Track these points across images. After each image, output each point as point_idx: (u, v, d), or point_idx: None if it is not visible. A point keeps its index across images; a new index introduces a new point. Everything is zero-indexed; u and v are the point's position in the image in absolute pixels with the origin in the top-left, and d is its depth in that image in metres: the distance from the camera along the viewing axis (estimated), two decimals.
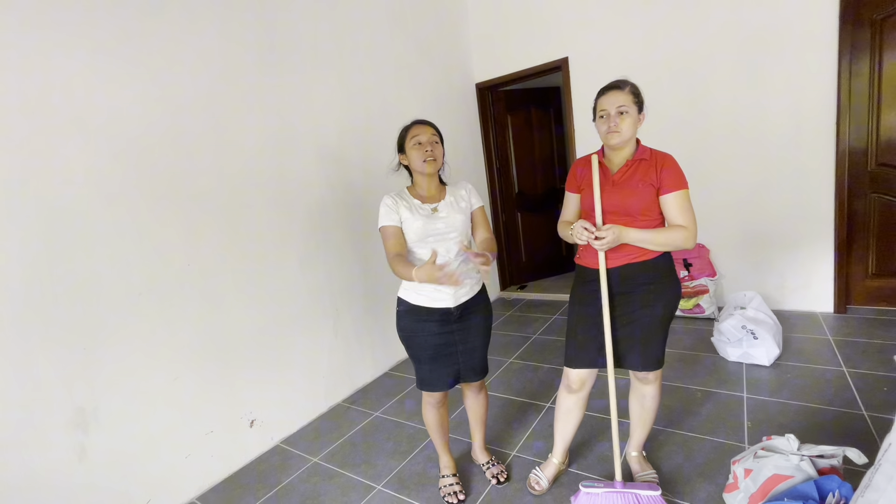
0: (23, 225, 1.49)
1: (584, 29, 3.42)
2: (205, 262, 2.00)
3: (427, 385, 1.67)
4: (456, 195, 1.68)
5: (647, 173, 1.46)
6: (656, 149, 1.52)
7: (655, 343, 1.52)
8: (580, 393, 1.64)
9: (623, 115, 1.44)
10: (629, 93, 1.46)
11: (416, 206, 1.61)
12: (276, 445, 2.28)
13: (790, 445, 1.41)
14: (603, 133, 1.48)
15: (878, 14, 2.58)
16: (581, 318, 1.59)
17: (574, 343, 1.60)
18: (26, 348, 1.50)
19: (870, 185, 2.78)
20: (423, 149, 1.57)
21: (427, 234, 1.57)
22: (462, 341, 1.65)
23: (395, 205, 1.59)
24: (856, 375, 2.21)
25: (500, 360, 2.93)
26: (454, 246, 1.57)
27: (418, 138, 1.58)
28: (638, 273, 1.48)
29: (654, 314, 1.50)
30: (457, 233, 1.59)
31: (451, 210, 1.61)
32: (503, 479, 1.80)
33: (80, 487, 1.61)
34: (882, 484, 1.02)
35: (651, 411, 1.66)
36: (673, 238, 1.43)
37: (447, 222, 1.59)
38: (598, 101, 1.50)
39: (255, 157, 2.21)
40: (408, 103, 3.22)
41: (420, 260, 1.58)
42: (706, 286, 3.10)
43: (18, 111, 1.48)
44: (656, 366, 1.55)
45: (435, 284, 1.44)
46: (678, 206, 1.43)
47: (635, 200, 1.45)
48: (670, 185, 1.43)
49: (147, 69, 1.81)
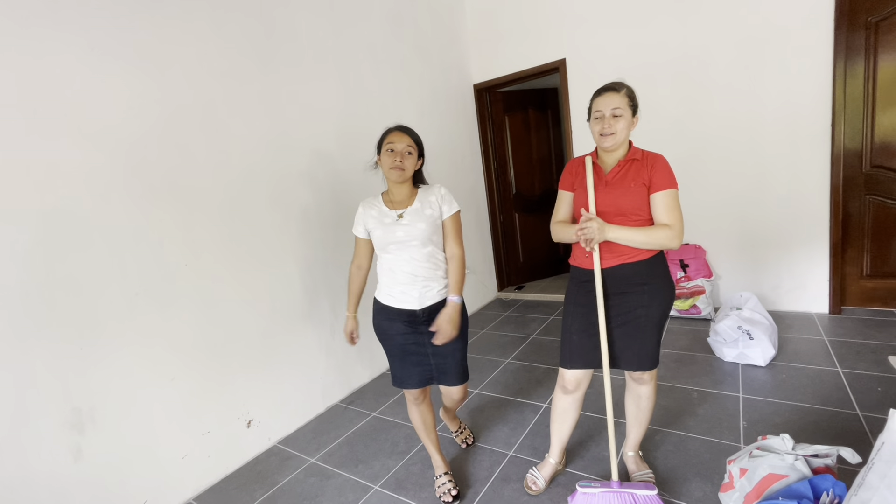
0: (18, 224, 1.49)
1: (581, 31, 3.43)
2: (201, 262, 1.99)
3: (398, 381, 1.72)
4: (424, 201, 1.64)
5: (639, 173, 1.47)
6: (648, 150, 1.53)
7: (650, 343, 1.53)
8: (575, 394, 1.65)
9: (617, 117, 1.46)
10: (625, 95, 1.48)
11: (384, 213, 1.64)
12: (274, 446, 2.27)
13: (785, 445, 1.42)
14: (596, 134, 1.50)
15: (873, 16, 2.60)
16: (576, 319, 1.59)
17: (569, 343, 1.61)
18: (22, 348, 1.49)
19: (864, 187, 2.80)
20: (394, 157, 1.58)
21: (387, 242, 1.62)
22: (431, 345, 1.66)
23: (364, 213, 1.67)
24: (850, 376, 2.23)
25: (497, 361, 2.93)
26: (416, 252, 1.61)
27: (393, 145, 1.59)
28: (631, 274, 1.50)
29: (648, 315, 1.51)
30: (418, 241, 1.60)
31: (414, 218, 1.61)
32: (470, 443, 2.05)
33: (76, 488, 1.60)
34: (875, 482, 1.03)
35: (647, 411, 1.67)
36: (656, 237, 1.43)
37: (407, 230, 1.60)
38: (594, 102, 1.52)
39: (252, 156, 2.21)
40: (406, 104, 3.22)
41: (387, 264, 1.65)
42: (702, 287, 3.11)
43: (14, 110, 1.48)
44: (651, 365, 1.56)
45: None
46: (665, 205, 1.45)
47: (628, 200, 1.46)
48: (659, 184, 1.45)
49: (144, 68, 1.81)
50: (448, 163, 3.71)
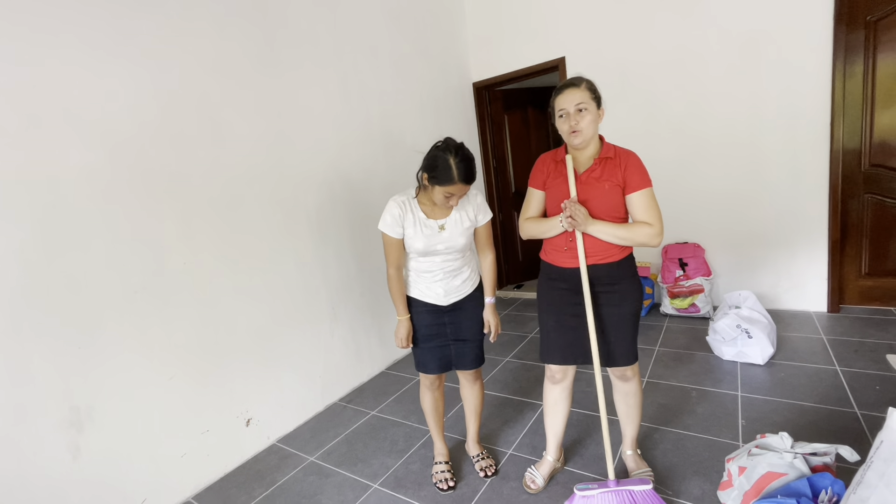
0: (16, 222, 1.48)
1: (581, 29, 3.42)
2: (200, 260, 1.99)
3: (421, 367, 1.76)
4: (462, 212, 1.65)
5: (613, 172, 1.47)
6: (620, 146, 1.53)
7: (627, 339, 1.55)
8: (563, 382, 1.68)
9: (582, 112, 1.44)
10: (585, 89, 1.45)
11: (422, 220, 1.61)
12: (273, 444, 2.27)
13: (784, 443, 1.43)
14: (565, 133, 1.48)
15: (872, 15, 2.60)
16: (550, 316, 1.61)
17: (547, 340, 1.63)
18: (20, 346, 1.49)
19: (863, 186, 2.80)
20: (448, 202, 1.56)
21: (428, 251, 1.62)
22: (453, 333, 1.72)
23: (401, 216, 1.60)
24: (849, 374, 2.23)
25: (496, 359, 2.93)
26: (451, 258, 1.66)
27: (451, 195, 1.52)
28: (603, 274, 1.51)
29: (621, 312, 1.53)
30: (458, 252, 1.66)
31: (454, 231, 1.63)
32: (490, 474, 1.83)
33: (74, 486, 1.60)
34: (874, 481, 1.03)
35: (636, 407, 1.68)
36: (638, 234, 1.44)
37: (448, 244, 1.63)
38: (556, 101, 1.49)
39: (251, 154, 2.21)
40: (405, 102, 3.22)
41: (417, 263, 1.67)
42: (701, 285, 3.12)
43: (9, 107, 1.47)
44: (630, 360, 1.57)
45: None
46: (643, 205, 1.45)
47: (604, 200, 1.47)
48: (635, 184, 1.45)
49: (142, 65, 1.80)
50: None
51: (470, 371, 1.81)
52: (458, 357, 1.75)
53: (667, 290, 3.24)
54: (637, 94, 3.30)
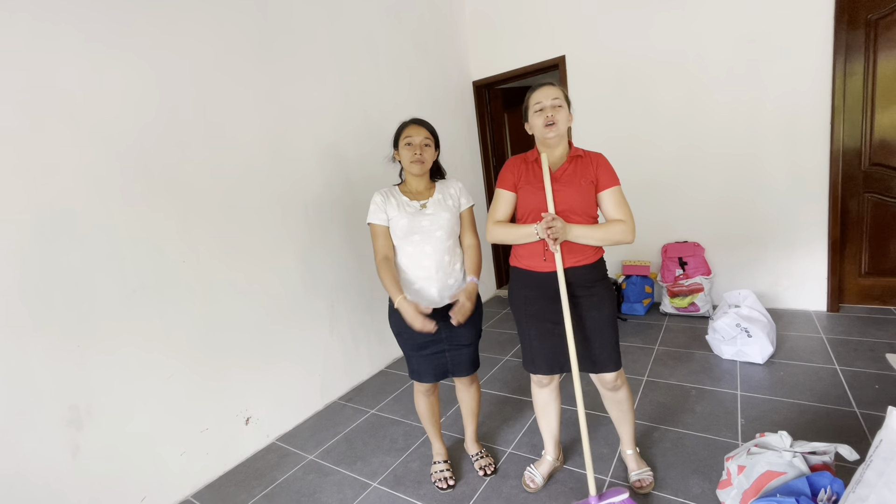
0: (15, 221, 1.48)
1: (581, 27, 3.41)
2: (200, 258, 1.99)
3: (416, 375, 1.74)
4: (445, 193, 1.70)
5: (586, 170, 1.49)
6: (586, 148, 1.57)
7: (611, 342, 1.53)
8: (551, 385, 1.69)
9: (558, 107, 1.47)
10: (560, 89, 1.50)
11: (404, 202, 1.65)
12: (272, 443, 2.27)
13: (783, 442, 1.43)
14: (540, 127, 1.49)
15: (873, 14, 2.59)
16: (532, 325, 1.58)
17: (531, 351, 1.61)
18: (20, 345, 1.49)
19: (863, 185, 2.80)
20: (413, 150, 1.61)
21: (412, 230, 1.61)
22: (448, 338, 1.68)
23: (384, 202, 1.64)
24: (848, 373, 2.23)
25: (495, 358, 2.93)
26: (440, 244, 1.62)
27: (410, 139, 1.62)
28: (579, 277, 1.51)
29: (601, 316, 1.52)
30: (442, 231, 1.63)
31: (438, 207, 1.64)
32: (489, 472, 1.83)
33: (74, 485, 1.60)
34: (873, 479, 1.03)
35: (628, 411, 1.66)
36: (613, 232, 1.46)
37: (433, 220, 1.62)
38: (532, 96, 1.51)
39: (250, 153, 2.20)
40: (405, 100, 3.21)
41: (407, 257, 1.64)
42: (701, 284, 3.12)
43: (9, 106, 1.47)
44: (617, 365, 1.55)
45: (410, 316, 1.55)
46: (615, 202, 1.48)
47: (580, 198, 1.47)
48: (606, 182, 1.48)
49: (142, 64, 1.80)
50: (447, 160, 3.65)
51: (467, 377, 1.78)
52: (454, 364, 1.72)
53: (666, 289, 3.24)
54: (637, 92, 3.29)
